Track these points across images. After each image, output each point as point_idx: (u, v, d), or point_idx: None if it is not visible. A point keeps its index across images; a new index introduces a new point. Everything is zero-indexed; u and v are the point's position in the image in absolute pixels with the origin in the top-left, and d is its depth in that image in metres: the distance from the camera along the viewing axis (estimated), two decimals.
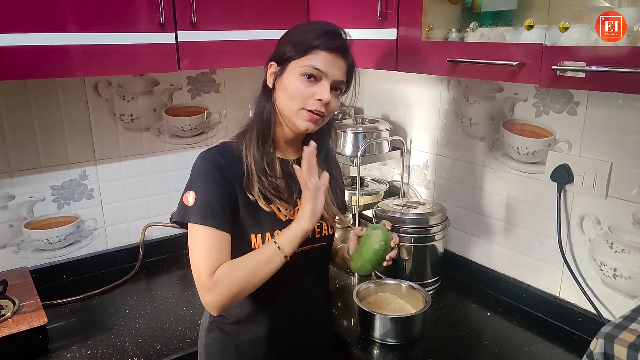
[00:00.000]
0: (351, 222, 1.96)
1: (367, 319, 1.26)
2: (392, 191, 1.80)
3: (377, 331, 1.24)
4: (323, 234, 1.09)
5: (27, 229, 1.54)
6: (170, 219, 1.78)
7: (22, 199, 1.51)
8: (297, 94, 0.97)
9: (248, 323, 1.07)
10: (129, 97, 1.64)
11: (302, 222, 0.95)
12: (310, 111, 0.97)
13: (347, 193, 1.72)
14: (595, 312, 1.24)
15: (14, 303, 1.27)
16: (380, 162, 1.87)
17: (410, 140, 1.72)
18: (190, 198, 0.97)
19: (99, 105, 1.59)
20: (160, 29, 1.29)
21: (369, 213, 1.69)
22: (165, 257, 1.78)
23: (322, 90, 0.97)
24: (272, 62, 1.02)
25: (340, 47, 0.99)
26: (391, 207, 1.50)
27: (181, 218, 0.98)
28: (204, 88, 1.78)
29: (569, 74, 0.90)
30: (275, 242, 0.95)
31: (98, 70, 1.29)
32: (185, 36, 1.33)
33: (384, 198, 1.74)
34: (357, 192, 1.64)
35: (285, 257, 0.95)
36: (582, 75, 0.88)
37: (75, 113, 1.55)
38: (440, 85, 1.58)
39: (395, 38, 1.26)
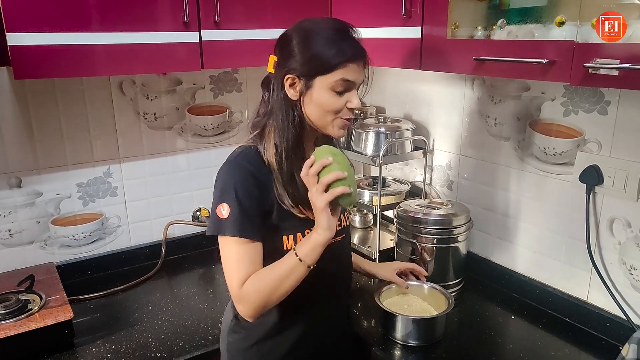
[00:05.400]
0: (371, 222, 1.95)
1: (389, 319, 1.25)
2: (414, 192, 1.78)
3: (399, 332, 1.23)
4: (342, 226, 1.10)
5: (53, 225, 1.57)
6: (193, 218, 1.80)
7: (49, 196, 1.54)
8: (331, 107, 0.98)
9: (270, 322, 1.07)
10: (153, 96, 1.66)
11: (321, 232, 0.93)
12: (344, 119, 1.00)
13: (368, 193, 1.71)
14: (624, 317, 1.20)
15: (40, 298, 1.30)
16: (402, 162, 1.85)
17: (433, 140, 1.70)
18: (224, 211, 0.96)
19: (123, 104, 1.61)
20: (185, 28, 1.30)
21: (390, 213, 1.67)
22: (187, 254, 1.80)
23: (354, 99, 0.98)
24: (291, 76, 0.98)
25: (363, 54, 0.99)
26: (413, 207, 1.49)
27: (216, 231, 0.98)
28: (226, 87, 1.79)
29: (602, 71, 0.87)
30: (296, 254, 0.94)
31: (123, 69, 1.31)
32: (208, 35, 1.34)
33: (405, 198, 1.72)
34: (378, 192, 1.62)
35: (309, 266, 0.95)
36: (616, 73, 0.86)
37: (100, 111, 1.58)
38: (464, 84, 1.56)
39: (419, 36, 1.25)
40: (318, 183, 0.93)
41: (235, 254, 0.97)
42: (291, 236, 1.01)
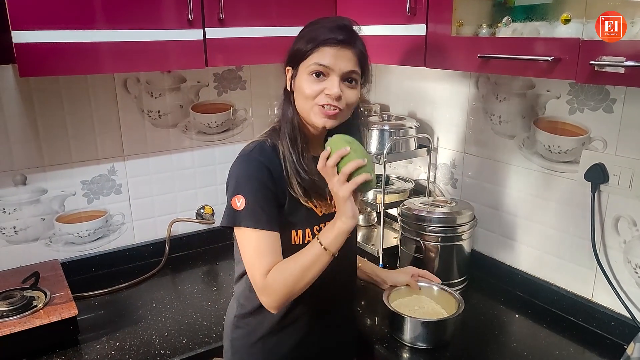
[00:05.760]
0: (375, 220, 1.95)
1: (397, 321, 1.22)
2: (418, 190, 1.78)
3: (408, 334, 1.21)
4: None
5: (58, 223, 1.58)
6: (197, 215, 1.80)
7: (54, 193, 1.55)
8: (308, 92, 0.98)
9: (274, 319, 1.07)
10: (157, 93, 1.66)
11: (346, 220, 0.93)
12: (323, 106, 0.98)
13: (371, 191, 1.71)
14: (629, 316, 1.20)
15: (45, 294, 1.30)
16: (406, 160, 1.85)
17: (437, 138, 1.70)
18: (239, 202, 0.97)
19: (127, 102, 1.61)
20: (189, 26, 1.30)
21: (394, 212, 1.67)
22: (191, 252, 1.80)
23: (331, 85, 0.97)
24: (288, 67, 1.03)
25: (344, 40, 0.97)
26: (417, 205, 1.49)
27: (231, 222, 0.98)
28: (230, 85, 1.79)
29: (608, 69, 0.87)
30: (320, 244, 0.94)
31: (127, 67, 1.31)
32: (213, 33, 1.34)
33: (409, 196, 1.72)
34: (382, 190, 1.62)
35: (333, 255, 0.94)
36: (622, 70, 0.85)
37: (105, 109, 1.58)
38: (469, 82, 1.55)
39: (424, 34, 1.24)
40: (339, 173, 0.92)
41: (255, 245, 0.97)
42: (300, 231, 1.02)
